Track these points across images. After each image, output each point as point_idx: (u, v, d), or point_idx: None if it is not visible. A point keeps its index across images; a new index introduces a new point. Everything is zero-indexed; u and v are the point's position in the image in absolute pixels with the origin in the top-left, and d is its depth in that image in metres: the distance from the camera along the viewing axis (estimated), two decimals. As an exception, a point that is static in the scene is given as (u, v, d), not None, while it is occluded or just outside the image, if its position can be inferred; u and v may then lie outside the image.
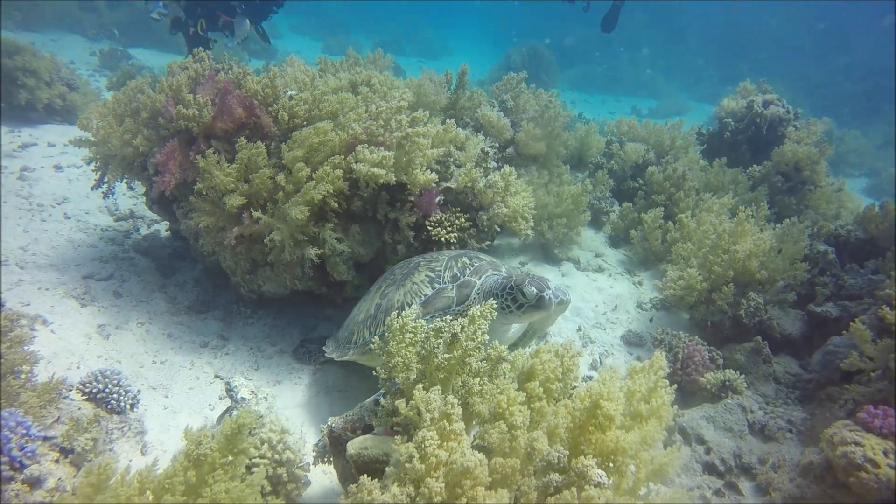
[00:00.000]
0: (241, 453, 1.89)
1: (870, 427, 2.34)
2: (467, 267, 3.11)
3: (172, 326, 3.92)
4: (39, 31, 12.03)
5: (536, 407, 1.63)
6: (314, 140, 3.45)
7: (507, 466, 1.38)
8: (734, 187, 5.71)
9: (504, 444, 1.45)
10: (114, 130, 3.76)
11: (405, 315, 2.12)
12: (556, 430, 1.56)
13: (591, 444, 1.55)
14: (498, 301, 2.76)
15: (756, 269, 3.83)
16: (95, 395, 2.75)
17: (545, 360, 1.77)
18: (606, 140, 6.74)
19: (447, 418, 1.47)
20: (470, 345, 1.91)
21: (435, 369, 1.94)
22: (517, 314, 2.79)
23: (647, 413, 1.64)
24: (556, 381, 1.71)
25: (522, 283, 2.74)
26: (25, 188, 5.07)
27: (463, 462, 1.32)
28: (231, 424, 1.87)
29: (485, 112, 4.94)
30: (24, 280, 3.92)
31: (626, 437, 1.51)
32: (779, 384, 3.66)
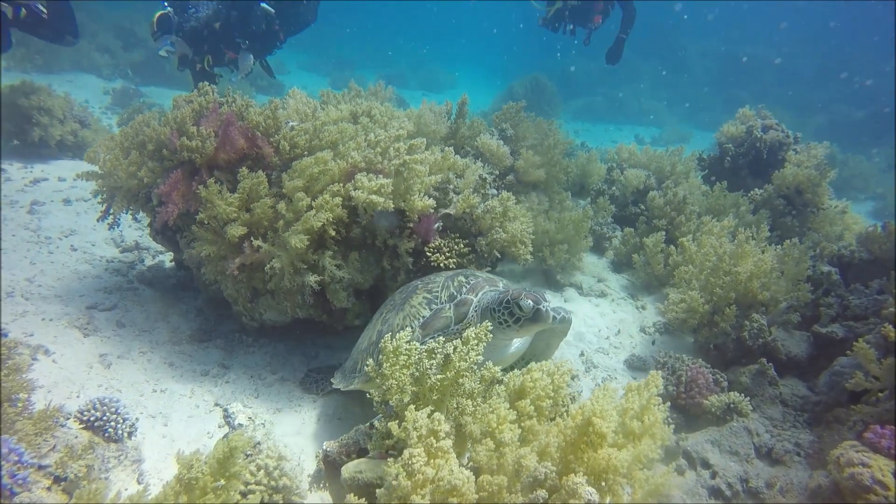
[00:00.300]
0: (233, 477, 1.87)
1: (877, 448, 2.28)
2: (463, 285, 3.08)
3: (174, 355, 3.93)
4: (57, 73, 12.47)
5: (528, 425, 1.62)
6: (314, 170, 3.51)
7: (494, 484, 1.36)
8: (735, 211, 5.72)
9: (492, 462, 1.43)
10: (120, 163, 3.86)
11: (399, 337, 2.12)
12: (546, 449, 1.54)
13: (584, 462, 1.52)
14: (495, 316, 2.74)
15: (758, 290, 3.80)
16: (93, 424, 2.75)
17: (536, 378, 1.76)
18: (607, 167, 6.81)
19: (434, 435, 1.46)
20: (463, 365, 1.91)
21: (428, 391, 1.94)
22: (515, 328, 2.73)
23: (639, 431, 1.62)
24: (547, 399, 1.70)
25: (519, 297, 2.69)
26: (34, 221, 5.18)
27: (450, 479, 1.30)
28: (223, 448, 1.87)
29: (484, 140, 5.01)
30: (28, 311, 3.96)
31: (617, 456, 1.49)
32: (786, 407, 3.59)
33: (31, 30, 6.59)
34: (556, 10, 8.76)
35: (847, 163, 13.16)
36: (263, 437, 2.69)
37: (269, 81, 13.49)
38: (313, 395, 3.72)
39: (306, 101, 4.32)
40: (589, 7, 8.66)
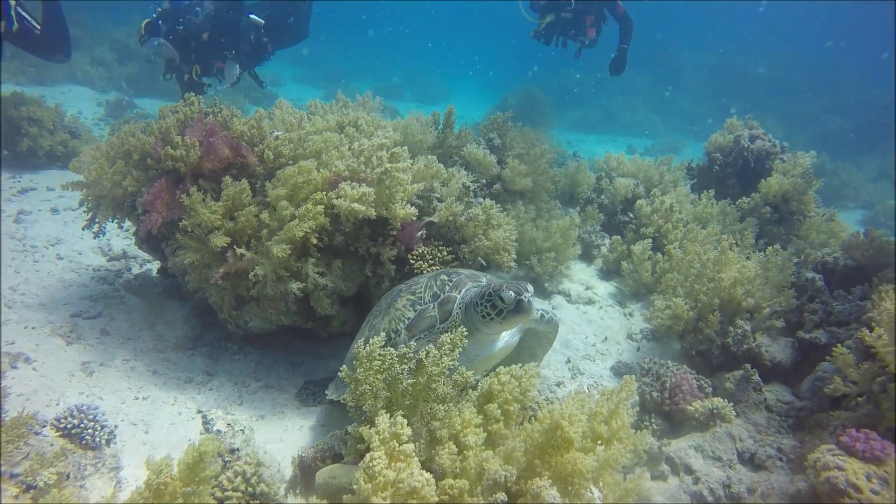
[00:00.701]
0: (203, 482, 1.86)
1: (852, 451, 2.28)
2: (446, 283, 3.07)
3: (158, 363, 3.92)
4: (51, 85, 12.52)
5: (495, 429, 1.61)
6: (298, 179, 3.53)
7: (455, 487, 1.36)
8: (722, 219, 5.75)
9: (455, 466, 1.43)
10: (105, 172, 3.87)
11: (372, 343, 2.12)
12: (513, 453, 1.53)
13: (551, 466, 1.52)
14: (478, 310, 2.72)
15: (742, 296, 3.81)
16: (70, 431, 2.74)
17: (503, 382, 1.76)
18: (596, 176, 6.84)
19: (396, 438, 1.45)
20: (435, 370, 1.91)
21: (401, 395, 1.94)
22: (498, 321, 2.68)
23: (607, 434, 1.61)
24: (515, 403, 1.70)
25: (500, 289, 2.65)
26: (20, 230, 5.17)
27: (410, 482, 1.30)
28: (192, 452, 1.86)
29: (471, 150, 5.05)
30: (10, 319, 3.95)
31: (583, 460, 1.49)
32: (771, 412, 3.59)
33: (23, 44, 6.59)
34: (547, 23, 8.86)
35: (837, 172, 13.26)
36: (242, 444, 2.68)
37: (262, 93, 13.54)
38: (297, 403, 3.70)
39: (292, 111, 4.34)
40: (581, 20, 8.76)
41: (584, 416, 1.62)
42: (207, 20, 6.68)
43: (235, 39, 6.94)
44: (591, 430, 1.61)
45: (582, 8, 8.56)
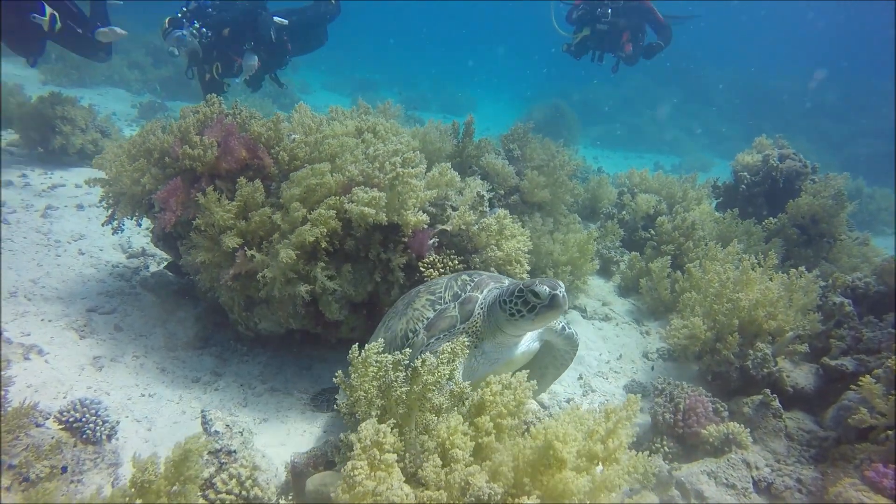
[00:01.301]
0: (189, 481, 1.83)
1: (878, 488, 2.14)
2: (468, 283, 2.99)
3: (167, 361, 3.93)
4: (90, 87, 12.96)
5: (486, 442, 1.54)
6: (311, 181, 3.52)
7: (434, 500, 1.29)
8: (747, 238, 5.57)
9: (439, 479, 1.36)
10: (125, 169, 3.93)
11: (368, 347, 2.07)
12: (500, 468, 1.46)
13: (542, 485, 1.45)
14: (506, 308, 2.63)
15: (763, 318, 3.66)
16: (72, 425, 2.74)
17: (496, 392, 1.69)
18: (618, 191, 6.73)
19: (378, 447, 1.40)
20: (430, 379, 1.85)
21: (394, 403, 1.88)
22: (530, 319, 2.57)
23: (602, 455, 1.53)
24: (508, 417, 1.62)
25: (532, 285, 2.55)
26: (46, 225, 5.29)
27: (388, 495, 1.24)
28: (178, 450, 1.83)
29: (489, 160, 5.00)
30: (29, 311, 4.02)
31: (575, 481, 1.41)
32: (791, 441, 3.43)
33: (66, 43, 6.83)
34: (582, 37, 8.76)
35: (874, 197, 12.86)
36: (240, 446, 2.64)
37: (290, 99, 13.78)
38: (301, 407, 3.67)
39: (311, 115, 4.36)
40: (618, 35, 8.65)
41: (579, 435, 1.54)
42: (228, 17, 6.81)
43: (254, 34, 7.05)
44: (587, 450, 1.52)
45: (620, 22, 8.48)
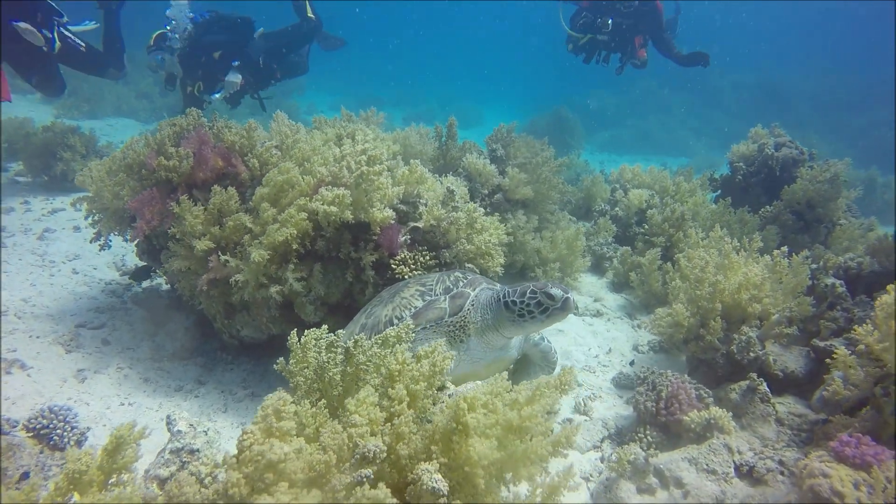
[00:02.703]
0: (122, 469, 1.82)
1: (842, 457, 2.04)
2: (460, 280, 3.03)
3: (152, 372, 3.96)
4: (101, 118, 13.35)
5: (398, 410, 1.51)
6: (279, 178, 3.56)
7: (322, 462, 1.26)
8: (741, 227, 5.46)
9: (335, 443, 1.33)
10: (105, 184, 4.01)
11: (308, 332, 2.06)
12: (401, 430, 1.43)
13: (451, 452, 1.41)
14: (515, 308, 2.69)
15: (747, 301, 3.56)
16: (39, 431, 2.76)
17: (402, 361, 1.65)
18: (611, 188, 6.67)
19: (276, 415, 1.38)
20: (361, 359, 1.83)
21: (328, 385, 1.86)
22: (540, 320, 2.67)
23: (517, 422, 1.47)
24: (423, 382, 1.58)
25: (546, 287, 2.66)
26: (42, 247, 5.42)
27: (268, 456, 1.21)
28: (111, 439, 1.83)
29: (470, 160, 5.00)
30: (17, 329, 4.09)
31: (478, 446, 1.36)
32: (782, 426, 3.30)
33: (72, 62, 6.96)
34: (589, 38, 8.67)
35: (890, 185, 12.52)
36: (204, 445, 2.63)
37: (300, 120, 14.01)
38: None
39: (288, 123, 4.42)
40: (629, 40, 8.52)
41: (498, 403, 1.49)
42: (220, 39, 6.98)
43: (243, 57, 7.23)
44: (504, 420, 1.47)
45: (629, 28, 8.38)
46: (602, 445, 3.31)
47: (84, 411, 3.36)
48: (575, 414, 3.65)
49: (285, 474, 1.23)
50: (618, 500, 2.74)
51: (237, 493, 1.22)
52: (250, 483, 1.24)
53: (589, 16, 8.36)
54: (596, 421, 3.51)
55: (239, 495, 1.22)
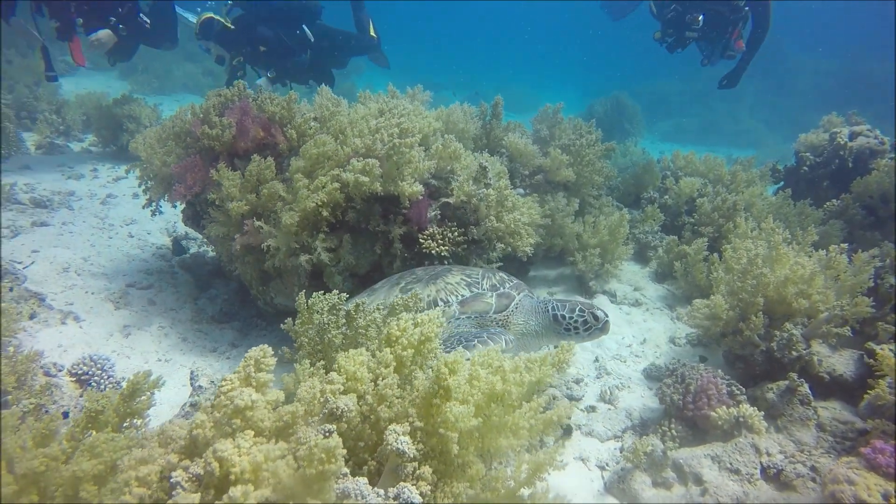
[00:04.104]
0: (135, 414, 1.91)
1: (874, 465, 1.87)
2: (506, 281, 3.22)
3: (190, 332, 4.15)
4: (169, 94, 14.01)
5: (384, 373, 1.50)
6: (313, 151, 3.61)
7: (289, 413, 1.26)
8: (800, 221, 5.10)
9: (308, 395, 1.34)
10: (155, 152, 4.20)
11: (315, 295, 2.08)
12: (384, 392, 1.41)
13: (429, 416, 1.38)
14: (562, 322, 3.00)
15: (793, 297, 3.32)
16: (80, 377, 2.96)
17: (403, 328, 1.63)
18: (662, 175, 6.38)
19: (256, 365, 1.39)
20: (360, 323, 1.83)
21: (327, 346, 1.87)
22: (581, 335, 3.00)
23: (500, 388, 1.43)
24: (410, 349, 1.56)
25: (592, 308, 3.02)
26: (104, 211, 5.77)
27: (236, 402, 1.23)
28: (127, 385, 1.92)
29: (511, 139, 4.90)
30: (76, 285, 4.38)
31: (454, 409, 1.33)
32: (823, 432, 3.08)
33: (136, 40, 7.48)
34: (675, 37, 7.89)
35: None
36: (224, 403, 2.74)
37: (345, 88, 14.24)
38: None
39: (329, 97, 4.47)
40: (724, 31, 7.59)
41: (482, 372, 1.44)
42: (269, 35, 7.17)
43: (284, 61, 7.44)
44: (488, 387, 1.43)
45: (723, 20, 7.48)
46: (623, 436, 3.20)
47: (124, 363, 3.57)
48: (600, 402, 3.55)
49: (253, 422, 1.25)
50: (630, 491, 2.64)
51: (201, 435, 1.25)
52: (218, 427, 1.26)
53: (678, 9, 7.50)
54: (620, 410, 3.40)
55: (203, 437, 1.25)
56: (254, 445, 1.16)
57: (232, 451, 1.13)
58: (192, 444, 1.28)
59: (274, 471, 1.11)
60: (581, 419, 3.34)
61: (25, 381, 2.61)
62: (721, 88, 8.14)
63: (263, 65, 7.55)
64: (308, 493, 1.08)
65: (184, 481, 1.14)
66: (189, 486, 1.14)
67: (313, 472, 1.06)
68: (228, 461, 1.11)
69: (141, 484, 1.18)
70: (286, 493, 1.09)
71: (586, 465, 2.95)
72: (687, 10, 7.35)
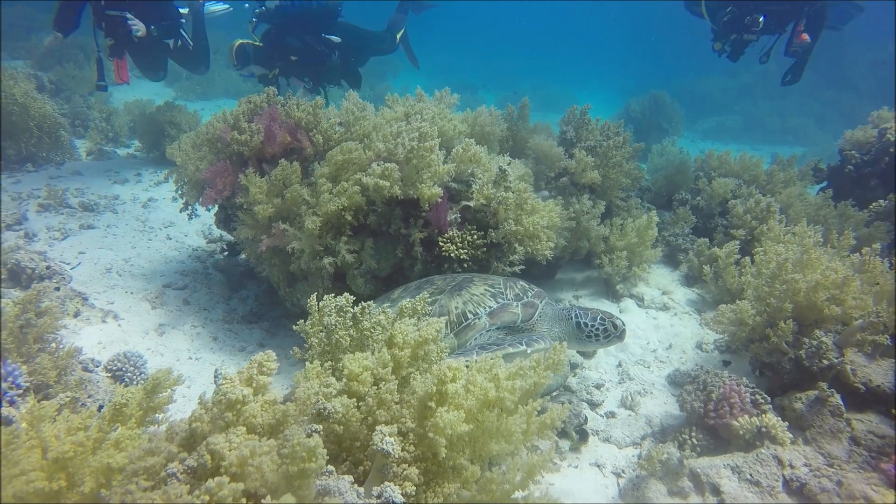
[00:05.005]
0: (157, 409, 2.02)
1: (894, 482, 1.79)
2: (528, 290, 3.33)
3: (221, 332, 4.31)
4: (212, 99, 14.53)
5: (381, 374, 1.54)
6: (339, 157, 3.69)
7: (280, 411, 1.31)
8: (840, 223, 4.88)
9: (304, 395, 1.38)
10: (189, 157, 4.38)
11: (326, 297, 2.14)
12: (384, 397, 1.45)
13: (423, 419, 1.41)
14: (584, 329, 3.19)
15: (823, 302, 3.20)
16: (115, 373, 3.12)
17: (404, 331, 1.66)
18: (694, 176, 6.22)
19: (259, 367, 1.45)
20: (366, 324, 1.88)
21: (334, 347, 1.93)
22: (600, 342, 3.21)
23: (493, 395, 1.44)
24: (407, 348, 1.59)
25: (612, 317, 3.21)
26: (145, 214, 6.05)
27: (229, 395, 1.29)
28: (149, 381, 2.02)
29: (536, 141, 4.88)
30: (117, 285, 4.61)
31: (445, 416, 1.35)
32: (857, 445, 2.95)
33: (179, 57, 7.88)
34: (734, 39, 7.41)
35: None
36: (246, 400, 2.85)
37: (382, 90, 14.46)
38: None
39: (356, 102, 4.56)
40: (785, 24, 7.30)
41: (480, 377, 1.46)
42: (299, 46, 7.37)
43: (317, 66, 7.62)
44: (482, 392, 1.44)
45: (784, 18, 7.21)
46: (643, 443, 3.15)
47: (157, 360, 3.74)
48: (620, 408, 3.50)
49: (245, 417, 1.31)
50: (645, 500, 2.60)
51: (199, 428, 1.32)
52: (214, 421, 1.33)
53: (736, 11, 7.15)
54: (640, 417, 3.35)
55: (201, 430, 1.31)
56: (244, 441, 1.22)
57: (224, 444, 1.19)
58: (191, 436, 1.35)
59: (259, 466, 1.16)
60: (600, 425, 3.31)
61: (65, 375, 2.78)
62: (785, 85, 7.85)
63: (297, 74, 7.76)
64: (289, 488, 1.13)
65: (179, 473, 1.21)
66: (184, 477, 1.21)
67: (295, 469, 1.11)
68: (220, 454, 1.17)
69: (147, 474, 1.26)
70: (269, 487, 1.14)
71: (602, 472, 2.92)
72: (746, 11, 6.99)
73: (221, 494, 1.09)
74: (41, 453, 1.79)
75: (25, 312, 2.71)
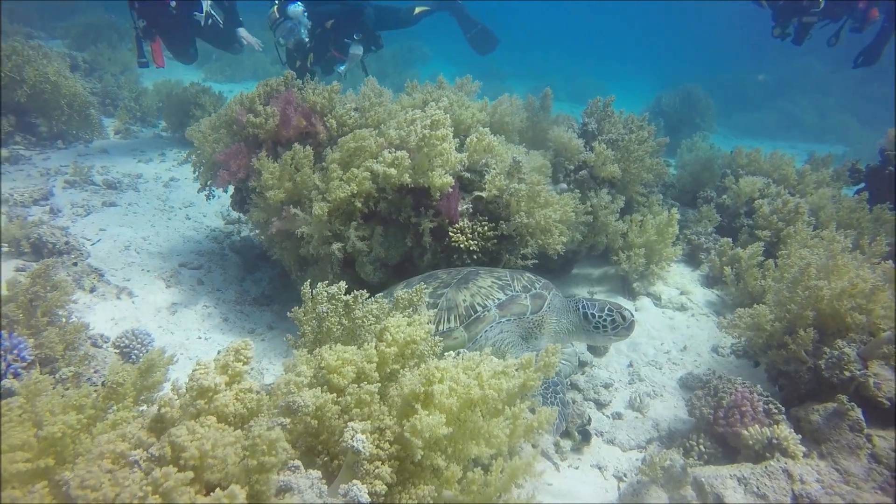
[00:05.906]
0: (151, 388, 2.02)
1: (906, 505, 1.68)
2: (536, 282, 3.29)
3: (232, 313, 4.34)
4: (240, 82, 14.65)
5: (366, 368, 1.49)
6: (351, 144, 3.65)
7: (254, 400, 1.28)
8: (874, 227, 4.66)
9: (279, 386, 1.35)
10: (206, 139, 4.40)
11: (321, 285, 2.11)
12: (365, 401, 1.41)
13: (404, 417, 1.37)
14: (592, 321, 3.16)
15: (847, 311, 3.04)
16: (123, 350, 3.16)
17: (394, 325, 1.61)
18: (721, 173, 6.02)
19: (235, 355, 1.42)
20: (358, 313, 1.84)
21: (325, 335, 1.90)
22: (609, 334, 3.17)
23: (477, 396, 1.39)
24: (394, 345, 1.55)
25: (621, 309, 3.17)
26: (166, 193, 6.13)
27: (202, 382, 1.26)
28: (143, 360, 2.02)
29: (555, 132, 4.76)
30: (134, 262, 4.68)
31: (425, 419, 1.30)
32: (877, 463, 2.81)
33: (210, 37, 7.98)
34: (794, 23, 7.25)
35: None
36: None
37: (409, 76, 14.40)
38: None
39: (374, 87, 4.51)
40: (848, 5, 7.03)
41: (463, 375, 1.40)
42: (334, 8, 7.29)
43: (361, 27, 7.51)
44: (465, 393, 1.39)
45: None
46: (648, 447, 3.07)
47: (167, 339, 3.79)
48: (627, 409, 3.41)
49: (216, 405, 1.29)
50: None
51: (168, 413, 1.30)
52: (184, 409, 1.31)
53: None
54: (648, 420, 3.26)
55: (170, 416, 1.30)
56: (211, 431, 1.20)
57: (186, 437, 1.17)
58: (159, 420, 1.33)
59: (223, 457, 1.14)
60: (605, 425, 3.23)
61: (72, 350, 2.82)
62: (857, 67, 7.50)
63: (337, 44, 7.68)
64: (248, 482, 1.11)
65: (142, 461, 1.19)
66: (146, 465, 1.19)
67: (254, 462, 1.08)
68: (180, 447, 1.14)
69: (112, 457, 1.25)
70: (231, 480, 1.12)
71: (603, 474, 2.85)
72: None
73: (167, 485, 1.06)
74: (34, 429, 1.80)
75: (34, 286, 2.75)
